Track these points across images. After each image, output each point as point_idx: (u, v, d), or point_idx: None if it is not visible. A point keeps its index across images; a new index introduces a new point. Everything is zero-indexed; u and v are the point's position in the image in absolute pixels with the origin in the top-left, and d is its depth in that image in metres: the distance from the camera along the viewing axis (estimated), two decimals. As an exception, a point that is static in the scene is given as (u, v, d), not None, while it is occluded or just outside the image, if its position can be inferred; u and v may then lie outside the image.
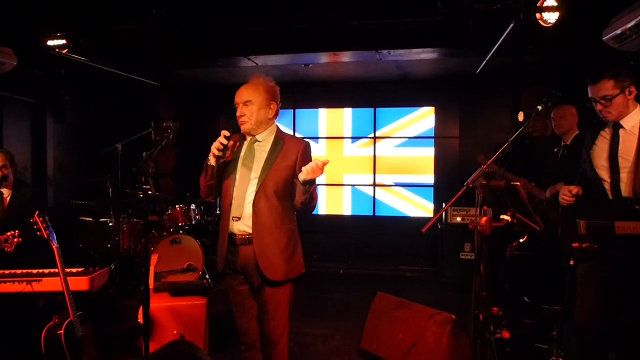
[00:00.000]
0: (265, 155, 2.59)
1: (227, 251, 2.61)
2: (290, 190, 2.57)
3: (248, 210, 2.53)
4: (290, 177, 2.56)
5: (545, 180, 4.32)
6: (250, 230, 2.53)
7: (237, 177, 2.60)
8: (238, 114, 2.59)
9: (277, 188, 2.53)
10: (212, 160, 2.54)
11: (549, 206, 4.08)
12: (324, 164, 2.33)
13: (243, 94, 2.59)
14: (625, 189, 2.58)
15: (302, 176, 2.39)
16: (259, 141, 2.63)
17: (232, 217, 2.57)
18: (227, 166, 2.65)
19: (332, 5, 4.29)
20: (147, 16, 4.32)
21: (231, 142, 2.51)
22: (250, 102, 2.57)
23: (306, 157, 2.57)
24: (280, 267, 2.54)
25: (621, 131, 2.63)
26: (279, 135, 2.66)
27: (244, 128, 2.61)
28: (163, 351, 1.25)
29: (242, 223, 2.55)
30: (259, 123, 2.59)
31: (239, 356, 2.77)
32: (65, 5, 4.53)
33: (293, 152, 2.57)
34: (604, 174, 2.65)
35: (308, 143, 2.66)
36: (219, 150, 2.48)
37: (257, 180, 2.55)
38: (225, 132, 2.48)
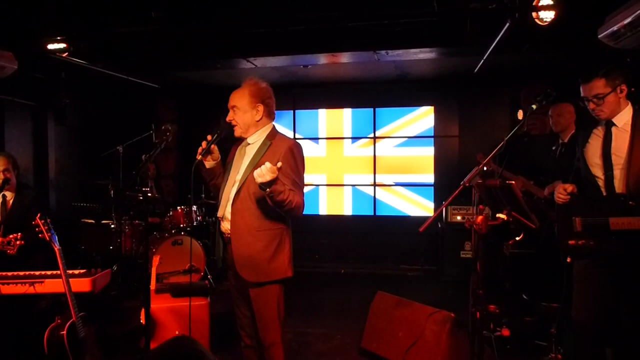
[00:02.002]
0: (251, 157, 2.60)
1: (223, 248, 2.67)
2: None
3: (228, 211, 2.56)
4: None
5: (544, 178, 4.33)
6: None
7: (227, 178, 2.65)
8: (227, 118, 2.62)
9: (257, 190, 2.43)
10: (197, 162, 2.59)
11: (547, 204, 4.09)
12: (275, 167, 2.23)
13: (230, 100, 2.62)
14: (618, 185, 2.60)
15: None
16: (250, 143, 2.65)
17: (218, 217, 2.64)
18: (226, 168, 2.72)
19: (330, 7, 4.31)
20: (146, 19, 4.34)
21: (213, 145, 2.57)
22: (235, 107, 2.59)
23: (291, 157, 2.45)
24: (256, 269, 2.53)
25: (613, 129, 2.66)
26: (270, 137, 2.62)
27: (235, 133, 2.64)
28: (165, 346, 1.27)
29: (225, 223, 2.60)
30: (247, 126, 2.60)
31: (241, 356, 2.81)
32: (64, 8, 4.56)
33: (278, 153, 2.49)
34: (598, 171, 2.68)
35: (295, 143, 2.58)
36: (199, 153, 2.55)
37: (238, 182, 2.56)
38: (208, 136, 2.54)
